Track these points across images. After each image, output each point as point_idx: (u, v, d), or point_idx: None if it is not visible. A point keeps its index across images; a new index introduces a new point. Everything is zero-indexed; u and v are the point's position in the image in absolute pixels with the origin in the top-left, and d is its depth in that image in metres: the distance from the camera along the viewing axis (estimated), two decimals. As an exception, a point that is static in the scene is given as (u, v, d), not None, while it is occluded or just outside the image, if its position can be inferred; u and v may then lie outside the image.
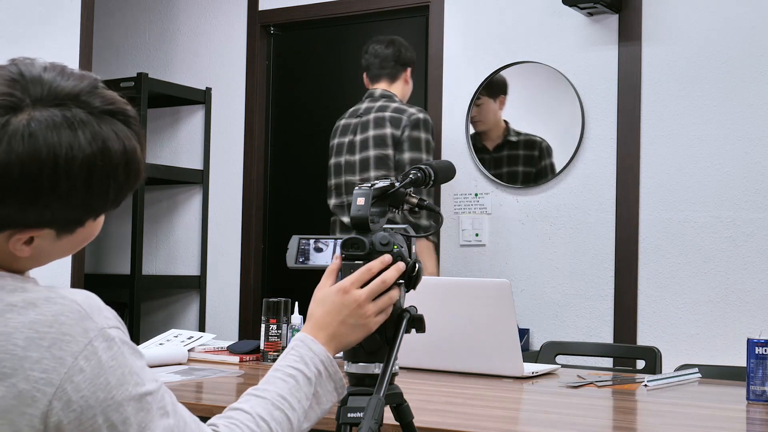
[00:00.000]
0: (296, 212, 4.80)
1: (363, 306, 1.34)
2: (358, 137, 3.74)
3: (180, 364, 2.63)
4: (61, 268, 3.95)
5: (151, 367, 1.50)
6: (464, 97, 4.26)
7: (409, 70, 3.85)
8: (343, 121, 3.87)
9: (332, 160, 3.85)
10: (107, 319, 1.09)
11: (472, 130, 4.23)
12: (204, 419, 1.99)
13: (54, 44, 3.80)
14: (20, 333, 1.04)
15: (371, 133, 3.69)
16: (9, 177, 1.05)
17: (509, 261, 4.13)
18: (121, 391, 1.07)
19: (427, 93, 4.38)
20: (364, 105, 3.80)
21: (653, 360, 2.79)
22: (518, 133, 4.11)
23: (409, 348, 1.91)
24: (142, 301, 4.88)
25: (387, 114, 3.69)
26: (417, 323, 1.45)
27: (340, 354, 1.41)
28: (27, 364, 1.03)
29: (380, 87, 3.81)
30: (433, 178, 1.57)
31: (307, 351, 1.31)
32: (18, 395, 1.02)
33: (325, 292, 1.36)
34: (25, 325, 1.04)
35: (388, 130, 3.64)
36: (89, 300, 1.09)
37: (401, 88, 3.82)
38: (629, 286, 3.87)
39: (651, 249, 3.85)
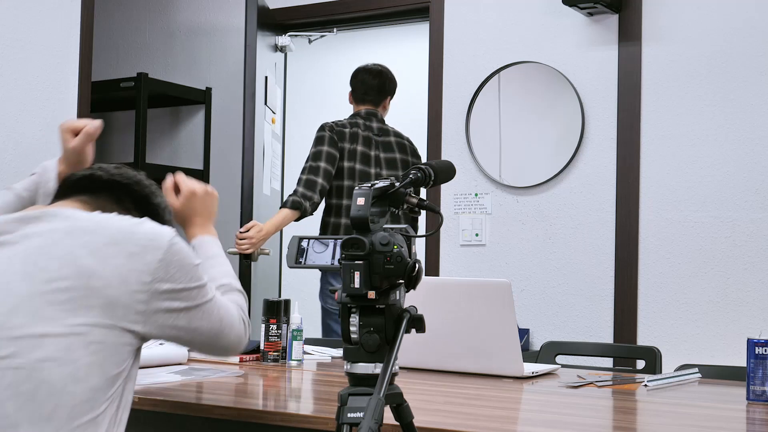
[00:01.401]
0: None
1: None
2: (383, 155, 3.94)
3: (180, 364, 2.63)
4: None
5: (151, 367, 1.53)
6: (464, 97, 4.26)
7: (389, 98, 4.07)
8: (351, 130, 3.91)
9: (346, 163, 3.86)
10: None
11: (472, 131, 4.23)
12: (204, 419, 2.00)
13: (54, 44, 3.80)
14: (129, 220, 1.45)
15: (398, 156, 3.94)
16: None
17: (509, 261, 4.13)
18: (197, 262, 1.50)
19: (428, 93, 4.38)
20: (374, 125, 3.96)
21: (653, 360, 2.79)
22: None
23: (409, 348, 1.91)
24: (142, 301, 4.88)
25: (393, 139, 3.99)
26: (417, 323, 1.45)
27: (340, 354, 1.41)
28: (137, 236, 1.41)
29: (364, 108, 4.00)
30: (433, 178, 1.57)
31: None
32: (129, 255, 1.38)
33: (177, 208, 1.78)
34: (131, 219, 1.46)
35: (407, 156, 3.97)
36: None
37: (380, 110, 4.04)
38: (629, 286, 3.87)
39: (651, 249, 3.85)
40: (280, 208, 3.80)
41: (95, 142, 1.85)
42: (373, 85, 3.98)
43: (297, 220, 3.75)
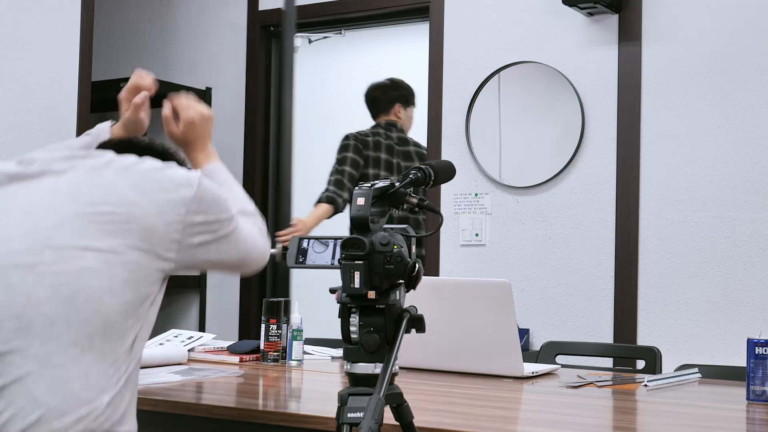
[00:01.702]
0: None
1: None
2: (403, 164, 4.18)
3: (180, 364, 2.63)
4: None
5: (152, 367, 1.53)
6: (464, 97, 4.26)
7: (398, 105, 4.26)
8: (373, 138, 4.17)
9: (370, 170, 4.10)
10: None
11: (472, 131, 4.23)
12: (204, 419, 2.00)
13: (54, 44, 3.80)
14: (162, 163, 1.56)
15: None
16: None
17: (509, 261, 4.13)
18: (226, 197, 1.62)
19: (428, 93, 4.38)
20: (394, 134, 4.21)
21: (653, 360, 2.79)
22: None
23: (409, 348, 1.91)
24: (142, 301, 4.88)
25: (413, 149, 4.26)
26: (417, 323, 1.45)
27: (340, 354, 1.41)
28: (170, 175, 1.53)
29: (383, 119, 4.25)
30: (433, 178, 1.57)
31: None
32: (164, 190, 1.50)
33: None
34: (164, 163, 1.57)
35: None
36: None
37: (395, 118, 4.27)
38: (629, 286, 3.87)
39: (651, 249, 3.85)
40: (316, 204, 3.99)
41: (152, 111, 1.95)
42: (375, 97, 4.24)
43: (330, 216, 3.93)
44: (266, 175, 4.87)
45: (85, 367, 1.39)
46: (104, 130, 1.91)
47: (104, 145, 1.71)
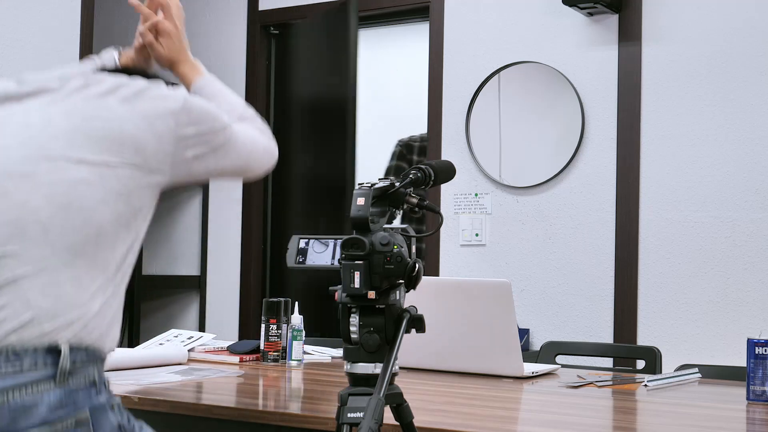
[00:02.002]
0: (296, 212, 4.80)
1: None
2: None
3: (180, 364, 2.63)
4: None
5: (151, 367, 1.53)
6: (464, 97, 4.26)
7: None
8: (420, 144, 4.46)
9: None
10: None
11: (472, 131, 4.23)
12: (204, 419, 2.00)
13: (54, 44, 3.80)
14: (145, 81, 1.55)
15: None
16: None
17: (509, 261, 4.13)
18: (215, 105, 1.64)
19: (428, 93, 4.38)
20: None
21: (653, 360, 2.79)
22: None
23: (409, 348, 1.91)
24: (142, 301, 4.88)
25: None
26: (417, 323, 1.45)
27: (340, 354, 1.41)
28: (158, 90, 1.54)
29: None
30: (433, 178, 1.57)
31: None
32: (154, 104, 1.51)
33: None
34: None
35: None
36: None
37: None
38: (629, 286, 3.87)
39: (651, 249, 3.85)
40: None
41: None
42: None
43: None
44: (266, 176, 4.86)
45: (77, 271, 1.41)
46: (110, 58, 1.92)
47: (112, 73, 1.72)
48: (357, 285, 1.42)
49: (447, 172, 1.63)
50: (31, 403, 1.33)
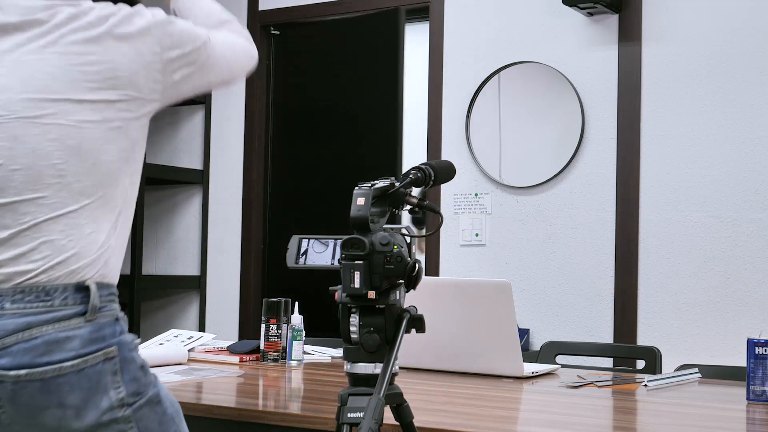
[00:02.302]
0: (296, 212, 4.80)
1: None
2: None
3: (180, 364, 2.63)
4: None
5: (152, 367, 1.53)
6: (464, 97, 4.26)
7: None
8: None
9: None
10: None
11: (472, 131, 4.23)
12: (204, 419, 2.00)
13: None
14: (128, 9, 1.53)
15: None
16: None
17: (509, 261, 4.13)
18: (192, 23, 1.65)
19: (428, 93, 4.38)
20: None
21: (653, 360, 2.79)
22: None
23: (409, 348, 1.91)
24: (142, 301, 4.88)
25: None
26: (417, 323, 1.45)
27: (340, 354, 1.41)
28: (137, 16, 1.53)
29: None
30: (433, 178, 1.57)
31: None
32: (138, 31, 1.51)
33: None
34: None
35: None
36: None
37: None
38: (629, 286, 3.87)
39: (651, 249, 3.85)
40: None
41: None
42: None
43: None
44: (266, 176, 4.87)
45: (94, 212, 1.47)
46: None
47: None
48: (357, 285, 1.42)
49: (447, 172, 1.63)
50: (65, 337, 1.40)
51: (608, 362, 3.50)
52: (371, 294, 1.42)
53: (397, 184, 1.50)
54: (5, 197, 1.42)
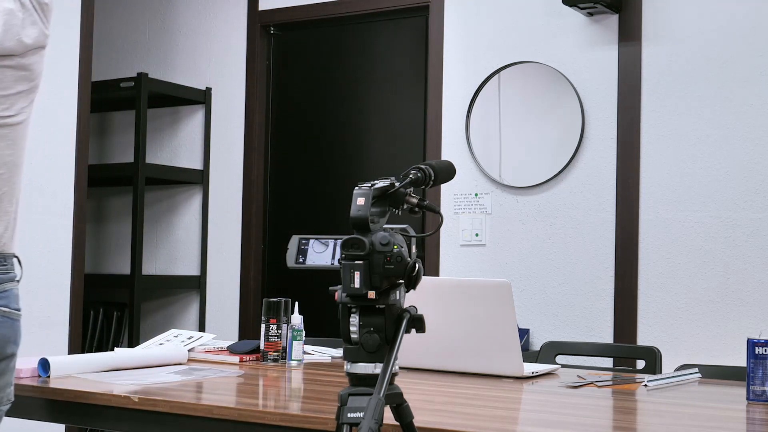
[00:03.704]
0: (296, 212, 4.80)
1: None
2: None
3: (180, 364, 2.63)
4: (61, 268, 3.95)
5: (151, 367, 1.52)
6: (464, 97, 4.26)
7: None
8: None
9: None
10: None
11: (472, 131, 4.23)
12: (204, 419, 2.00)
13: (54, 44, 3.79)
14: None
15: None
16: None
17: (509, 261, 4.13)
18: None
19: (427, 93, 4.38)
20: None
21: (653, 360, 2.79)
22: None
23: (409, 348, 1.91)
24: (142, 301, 4.88)
25: None
26: (417, 323, 1.45)
27: (340, 354, 1.41)
28: None
29: None
30: (433, 178, 1.57)
31: None
32: None
33: None
34: None
35: None
36: None
37: None
38: (629, 286, 3.87)
39: (651, 249, 3.85)
40: None
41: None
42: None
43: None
44: (266, 176, 4.87)
45: None
46: None
47: None
48: (357, 285, 1.42)
49: (447, 172, 1.62)
50: None
51: (608, 362, 3.50)
52: (371, 294, 1.42)
53: (397, 184, 1.50)
54: None
